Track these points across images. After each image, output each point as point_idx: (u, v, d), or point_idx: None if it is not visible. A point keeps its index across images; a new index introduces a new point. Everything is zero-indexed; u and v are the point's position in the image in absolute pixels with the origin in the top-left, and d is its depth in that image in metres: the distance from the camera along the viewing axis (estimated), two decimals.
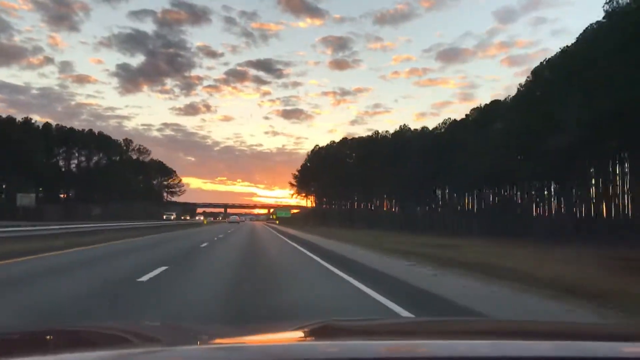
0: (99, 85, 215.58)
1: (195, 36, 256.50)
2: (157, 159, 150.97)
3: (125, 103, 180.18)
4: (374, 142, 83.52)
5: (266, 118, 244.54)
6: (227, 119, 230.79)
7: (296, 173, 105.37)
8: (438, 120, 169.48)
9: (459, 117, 71.04)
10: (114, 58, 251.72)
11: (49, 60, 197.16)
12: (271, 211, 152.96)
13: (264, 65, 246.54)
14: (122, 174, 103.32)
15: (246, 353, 1.43)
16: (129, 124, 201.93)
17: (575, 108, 31.54)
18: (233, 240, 28.93)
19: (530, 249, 23.49)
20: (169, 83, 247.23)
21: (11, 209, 65.41)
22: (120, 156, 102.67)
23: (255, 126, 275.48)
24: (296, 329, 2.06)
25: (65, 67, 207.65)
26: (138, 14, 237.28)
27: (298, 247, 21.93)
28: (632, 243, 28.98)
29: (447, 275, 11.11)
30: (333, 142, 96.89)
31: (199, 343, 1.77)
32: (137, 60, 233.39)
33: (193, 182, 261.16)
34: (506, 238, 38.78)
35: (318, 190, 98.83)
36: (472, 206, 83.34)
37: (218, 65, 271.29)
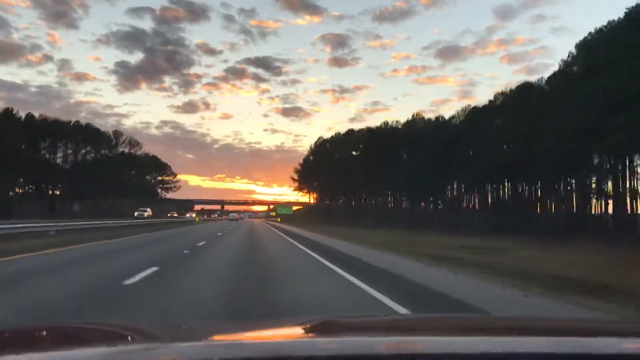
0: (98, 82, 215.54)
1: (193, 34, 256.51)
2: (152, 154, 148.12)
3: (123, 101, 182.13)
4: (383, 133, 79.27)
5: (265, 116, 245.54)
6: (226, 117, 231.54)
7: (298, 167, 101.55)
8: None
9: (480, 104, 66.83)
10: (113, 55, 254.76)
11: (48, 57, 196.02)
12: (271, 208, 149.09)
13: (263, 62, 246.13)
14: (113, 169, 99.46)
15: (244, 349, 1.43)
16: (128, 122, 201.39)
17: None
18: (219, 250, 19.15)
19: (596, 253, 19.44)
20: (168, 81, 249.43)
21: None
22: (109, 149, 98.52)
23: (254, 124, 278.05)
24: (294, 326, 2.07)
25: (63, 65, 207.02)
26: (136, 11, 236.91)
27: (313, 255, 17.34)
28: None
29: (543, 299, 7.43)
30: (338, 134, 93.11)
31: (197, 340, 1.78)
32: (136, 57, 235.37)
33: (192, 180, 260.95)
34: (539, 238, 34.96)
35: (321, 185, 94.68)
36: (487, 202, 79.55)
37: (217, 62, 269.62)
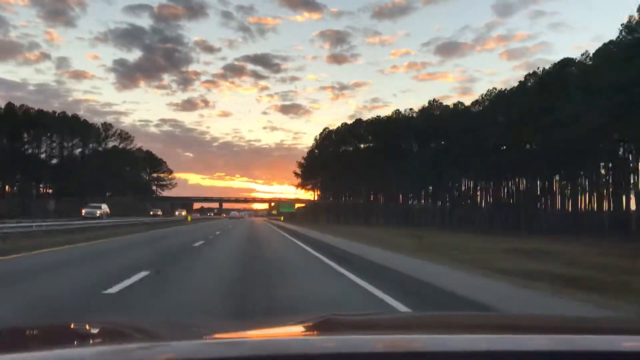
0: (96, 80, 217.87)
1: (192, 31, 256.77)
2: (146, 149, 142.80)
3: (122, 99, 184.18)
4: (395, 123, 73.30)
5: (264, 113, 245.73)
6: (226, 115, 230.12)
7: (301, 161, 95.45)
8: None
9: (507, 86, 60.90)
10: (111, 53, 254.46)
11: (46, 56, 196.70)
12: (272, 205, 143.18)
13: (262, 60, 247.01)
14: (103, 164, 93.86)
15: (244, 348, 1.44)
16: (127, 120, 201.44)
17: None
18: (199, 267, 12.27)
19: None
20: (166, 78, 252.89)
21: None
22: (99, 143, 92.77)
23: (253, 121, 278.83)
24: (295, 324, 2.09)
25: (61, 63, 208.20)
26: (134, 9, 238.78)
27: (344, 273, 11.32)
28: None
29: None
30: (345, 124, 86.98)
31: (197, 338, 1.79)
32: (134, 55, 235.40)
33: (192, 178, 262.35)
34: (589, 237, 29.30)
35: (326, 180, 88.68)
36: (500, 197, 74.25)
37: (215, 60, 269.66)
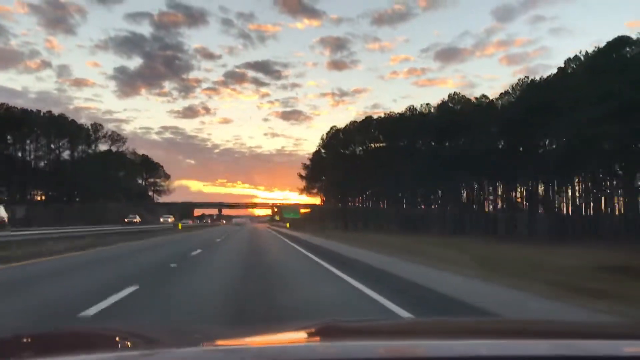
0: (97, 88, 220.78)
1: (192, 38, 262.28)
2: (142, 153, 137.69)
3: (123, 106, 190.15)
4: (411, 120, 67.46)
5: (265, 120, 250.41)
6: (227, 121, 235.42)
7: (306, 162, 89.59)
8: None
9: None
10: (111, 61, 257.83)
11: (46, 64, 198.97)
12: (275, 211, 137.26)
13: (262, 66, 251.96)
14: (93, 168, 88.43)
15: (246, 354, 1.46)
16: (128, 127, 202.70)
17: None
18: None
19: None
20: (167, 86, 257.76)
21: None
22: (88, 145, 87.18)
23: (254, 128, 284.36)
24: (296, 330, 2.11)
25: (62, 71, 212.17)
26: (134, 17, 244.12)
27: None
28: None
29: None
30: (354, 122, 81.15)
31: (199, 345, 1.79)
32: (135, 63, 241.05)
33: (193, 185, 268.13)
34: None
35: (333, 183, 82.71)
36: (523, 201, 68.81)
37: (216, 67, 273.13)
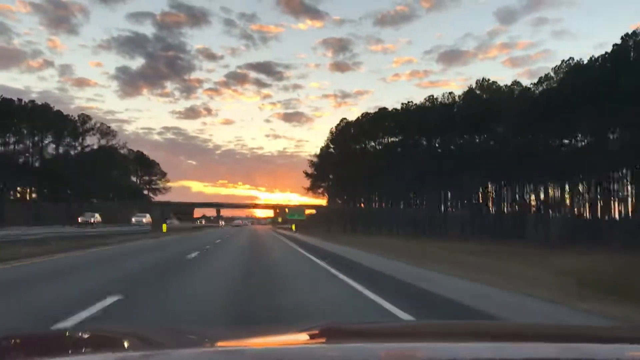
0: (99, 88, 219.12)
1: (194, 39, 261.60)
2: (136, 150, 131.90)
3: (125, 106, 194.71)
4: (431, 112, 60.78)
5: (267, 121, 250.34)
6: (228, 122, 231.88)
7: (313, 159, 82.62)
8: None
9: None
10: (114, 61, 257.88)
11: (49, 63, 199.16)
12: (278, 212, 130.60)
13: (264, 67, 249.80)
14: (81, 164, 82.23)
15: (245, 356, 1.46)
16: (129, 128, 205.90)
17: None
18: None
19: None
20: (169, 86, 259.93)
21: None
22: (75, 138, 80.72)
23: (256, 129, 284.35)
24: (297, 332, 2.09)
25: (65, 70, 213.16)
26: (137, 17, 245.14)
27: None
28: None
29: None
30: (366, 114, 74.31)
31: (198, 346, 1.80)
32: (137, 63, 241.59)
33: (194, 186, 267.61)
34: None
35: (341, 181, 75.75)
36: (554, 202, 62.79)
37: (218, 68, 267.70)
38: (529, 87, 52.68)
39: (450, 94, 62.24)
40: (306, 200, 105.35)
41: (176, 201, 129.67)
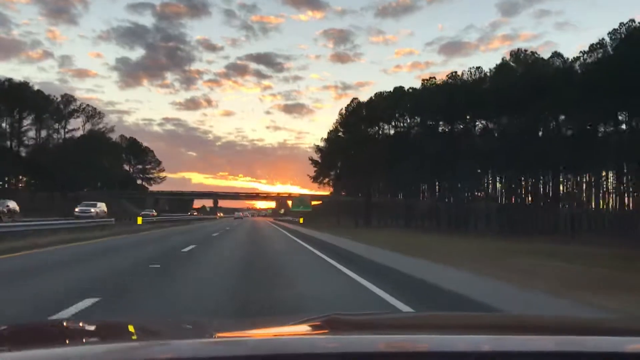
0: (99, 79, 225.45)
1: (194, 29, 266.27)
2: (129, 136, 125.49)
3: (125, 97, 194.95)
4: (457, 90, 53.74)
5: (267, 112, 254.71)
6: (228, 114, 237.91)
7: (320, 144, 75.39)
8: None
9: None
10: (113, 52, 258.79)
11: (48, 54, 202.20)
12: (280, 203, 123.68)
13: (265, 59, 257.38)
14: (66, 150, 75.62)
15: (246, 347, 1.48)
16: (129, 119, 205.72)
17: None
18: None
19: None
20: (169, 77, 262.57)
21: None
22: (58, 120, 73.70)
23: (256, 121, 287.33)
24: (298, 323, 2.11)
25: (64, 61, 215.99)
26: (136, 7, 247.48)
27: None
28: None
29: None
30: (381, 94, 67.36)
31: (199, 337, 1.80)
32: (137, 54, 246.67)
33: (194, 177, 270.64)
34: None
35: (352, 170, 68.70)
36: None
37: (218, 59, 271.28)
38: (578, 57, 45.83)
39: (478, 69, 55.38)
40: (307, 192, 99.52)
41: (167, 190, 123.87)
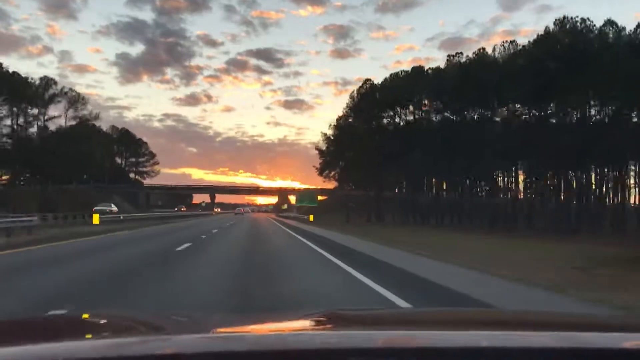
0: (99, 74, 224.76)
1: (194, 25, 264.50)
2: (121, 127, 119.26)
3: (125, 93, 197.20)
4: (489, 68, 46.87)
5: (268, 108, 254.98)
6: (229, 110, 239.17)
7: (328, 132, 68.17)
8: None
9: None
10: (113, 47, 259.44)
11: (48, 49, 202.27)
12: (282, 198, 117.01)
13: (265, 54, 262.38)
14: (46, 138, 69.12)
15: (246, 342, 1.48)
16: (130, 115, 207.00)
17: None
18: None
19: None
20: (169, 73, 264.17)
21: None
22: (35, 104, 66.87)
23: (256, 117, 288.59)
24: (297, 319, 2.11)
25: (64, 56, 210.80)
26: (136, 2, 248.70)
27: None
28: None
29: None
30: (397, 74, 60.41)
31: (200, 332, 1.81)
32: (137, 49, 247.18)
33: (195, 173, 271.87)
34: None
35: (363, 162, 61.61)
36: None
37: (218, 54, 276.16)
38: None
39: (512, 43, 48.28)
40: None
41: (159, 184, 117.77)
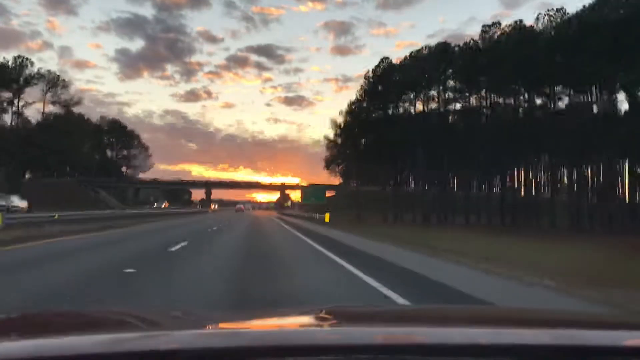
0: (99, 70, 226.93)
1: (195, 20, 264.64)
2: (112, 117, 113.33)
3: (125, 89, 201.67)
4: (523, 47, 40.19)
5: (268, 105, 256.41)
6: (229, 106, 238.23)
7: (338, 120, 61.23)
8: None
9: None
10: (113, 43, 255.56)
11: (48, 45, 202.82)
12: (283, 195, 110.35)
13: (265, 50, 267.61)
14: (25, 131, 62.64)
15: (245, 338, 1.49)
16: (130, 111, 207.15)
17: None
18: None
19: None
20: (169, 69, 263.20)
21: None
22: (8, 85, 60.13)
23: (257, 113, 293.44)
24: (297, 315, 2.14)
25: (64, 52, 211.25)
26: None
27: None
28: None
29: None
30: (419, 51, 53.43)
31: (199, 328, 1.83)
32: (137, 45, 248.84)
33: (195, 169, 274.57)
34: None
35: (378, 154, 54.77)
36: None
37: (218, 50, 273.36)
38: None
39: (559, 10, 41.21)
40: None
41: (146, 178, 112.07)
